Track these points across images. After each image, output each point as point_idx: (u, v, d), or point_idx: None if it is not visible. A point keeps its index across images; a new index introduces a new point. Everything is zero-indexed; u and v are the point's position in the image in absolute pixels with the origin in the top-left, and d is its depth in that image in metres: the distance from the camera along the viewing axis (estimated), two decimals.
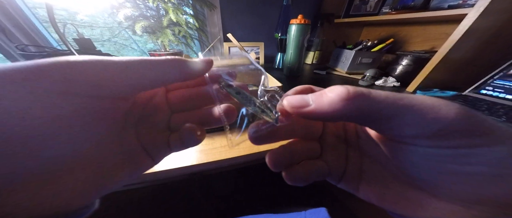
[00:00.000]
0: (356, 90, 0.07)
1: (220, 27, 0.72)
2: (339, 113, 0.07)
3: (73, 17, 0.66)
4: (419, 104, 0.06)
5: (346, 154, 0.12)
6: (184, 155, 0.25)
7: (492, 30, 0.38)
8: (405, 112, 0.06)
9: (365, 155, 0.11)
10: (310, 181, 0.11)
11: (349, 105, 0.07)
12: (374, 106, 0.07)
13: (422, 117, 0.06)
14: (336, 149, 0.12)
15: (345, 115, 0.07)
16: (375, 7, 0.68)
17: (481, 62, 0.46)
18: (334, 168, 0.11)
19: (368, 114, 0.07)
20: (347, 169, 0.11)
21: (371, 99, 0.07)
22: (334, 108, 0.07)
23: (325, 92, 0.08)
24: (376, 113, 0.07)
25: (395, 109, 0.07)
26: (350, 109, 0.07)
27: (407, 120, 0.07)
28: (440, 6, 0.47)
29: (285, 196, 0.36)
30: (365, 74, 0.56)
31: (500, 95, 0.38)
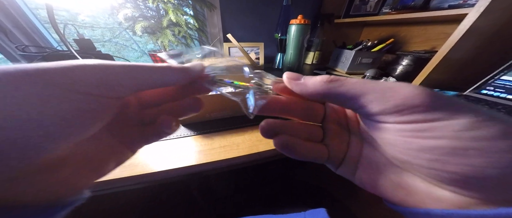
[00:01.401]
0: (333, 77, 0.09)
1: (220, 27, 0.72)
2: (319, 91, 0.09)
3: (74, 18, 0.66)
4: (381, 86, 0.08)
5: (348, 141, 0.12)
6: (182, 156, 0.25)
7: (492, 30, 0.38)
8: (368, 92, 0.08)
9: (364, 142, 0.12)
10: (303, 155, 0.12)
11: (326, 86, 0.09)
12: (343, 87, 0.09)
13: (381, 95, 0.08)
14: (338, 136, 0.13)
15: (323, 93, 0.09)
16: (375, 7, 0.68)
17: (481, 62, 0.46)
18: (334, 153, 0.12)
19: (339, 93, 0.09)
20: (347, 156, 0.12)
21: (342, 82, 0.09)
22: (315, 87, 0.10)
23: (313, 77, 0.10)
24: (345, 93, 0.09)
25: (360, 89, 0.08)
26: (326, 88, 0.09)
27: (370, 98, 0.08)
28: (441, 6, 0.46)
29: (284, 197, 0.36)
30: (365, 75, 0.56)
31: (501, 95, 0.37)
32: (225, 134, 0.30)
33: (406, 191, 0.09)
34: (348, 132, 0.13)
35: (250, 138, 0.29)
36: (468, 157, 0.06)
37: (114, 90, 0.09)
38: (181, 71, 0.11)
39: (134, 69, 0.09)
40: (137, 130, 0.12)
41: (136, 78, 0.09)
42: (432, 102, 0.07)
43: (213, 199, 0.38)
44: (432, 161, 0.07)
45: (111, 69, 0.08)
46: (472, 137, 0.06)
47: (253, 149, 0.27)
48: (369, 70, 0.56)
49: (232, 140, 0.29)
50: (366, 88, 0.08)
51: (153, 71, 0.10)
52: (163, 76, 0.10)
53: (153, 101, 0.13)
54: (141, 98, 0.13)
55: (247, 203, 0.35)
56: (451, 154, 0.07)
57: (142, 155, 0.24)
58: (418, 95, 0.07)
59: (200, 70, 0.12)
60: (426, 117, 0.07)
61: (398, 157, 0.09)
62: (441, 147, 0.07)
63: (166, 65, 0.10)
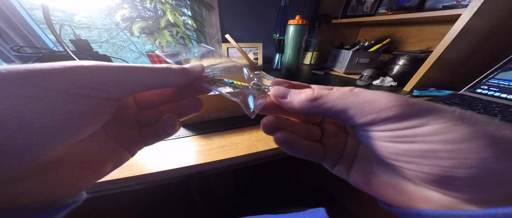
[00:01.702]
0: (315, 94, 0.10)
1: (218, 28, 0.72)
2: (304, 110, 0.10)
3: (71, 18, 0.66)
4: (359, 100, 0.09)
5: (345, 141, 0.13)
6: (181, 156, 0.25)
7: (485, 30, 0.39)
8: (349, 107, 0.09)
9: (359, 145, 0.12)
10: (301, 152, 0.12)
11: (311, 104, 0.10)
12: (326, 105, 0.09)
13: (360, 109, 0.09)
14: (335, 136, 0.13)
15: (309, 112, 0.10)
16: (371, 8, 0.69)
17: (476, 62, 0.47)
18: (331, 152, 0.12)
19: (323, 110, 0.09)
20: (343, 156, 0.12)
21: (324, 100, 0.09)
22: (301, 106, 0.10)
23: (299, 92, 0.10)
24: (329, 109, 0.09)
25: (341, 105, 0.09)
26: (311, 107, 0.10)
27: (352, 112, 0.09)
28: (435, 6, 0.47)
29: (283, 197, 0.36)
30: (363, 74, 0.57)
31: (495, 94, 0.38)
32: (224, 134, 0.30)
33: (397, 191, 0.09)
34: (345, 132, 0.13)
35: (249, 138, 0.29)
36: (438, 159, 0.07)
37: (109, 92, 0.08)
38: (180, 72, 0.11)
39: (131, 70, 0.09)
40: (135, 131, 0.12)
41: (133, 80, 0.09)
42: (403, 112, 0.08)
43: (212, 199, 0.38)
44: (408, 163, 0.08)
45: (107, 70, 0.08)
46: (439, 141, 0.07)
47: (252, 149, 0.27)
48: (367, 70, 0.57)
49: (231, 140, 0.28)
50: (347, 104, 0.09)
51: (150, 72, 0.10)
52: (161, 78, 0.10)
53: (151, 103, 0.13)
54: (138, 100, 0.13)
55: (246, 203, 0.35)
56: (422, 156, 0.07)
57: (140, 156, 0.24)
58: (391, 107, 0.08)
59: (199, 71, 0.12)
60: (399, 125, 0.08)
61: (384, 159, 0.09)
62: (414, 150, 0.08)
63: (164, 66, 0.10)
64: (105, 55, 0.46)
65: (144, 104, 0.13)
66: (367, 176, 0.11)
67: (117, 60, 0.66)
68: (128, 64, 0.09)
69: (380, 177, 0.10)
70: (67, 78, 0.07)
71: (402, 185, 0.09)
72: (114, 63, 0.09)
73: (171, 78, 0.10)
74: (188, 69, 0.11)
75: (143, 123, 0.13)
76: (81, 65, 0.08)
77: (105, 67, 0.08)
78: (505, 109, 0.33)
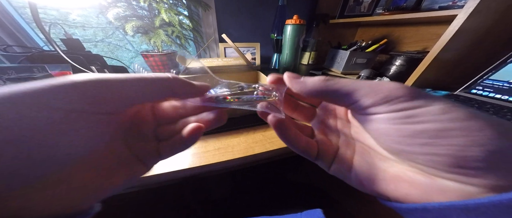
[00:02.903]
0: (326, 78, 0.10)
1: (215, 27, 0.72)
2: (317, 88, 0.11)
3: (65, 17, 0.64)
4: (369, 83, 0.10)
5: (338, 142, 0.13)
6: (176, 159, 0.24)
7: (481, 31, 0.39)
8: (360, 88, 0.09)
9: (357, 142, 0.12)
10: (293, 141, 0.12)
11: (324, 83, 0.10)
12: (338, 85, 0.10)
13: (371, 89, 0.09)
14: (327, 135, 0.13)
15: (321, 90, 0.11)
16: (369, 8, 0.69)
17: (471, 62, 0.47)
18: (324, 151, 0.13)
19: (335, 90, 0.10)
20: (338, 156, 0.12)
21: (337, 81, 0.10)
22: (314, 85, 0.11)
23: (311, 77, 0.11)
24: (340, 89, 0.10)
25: (352, 86, 0.10)
26: (324, 86, 0.10)
27: (362, 93, 0.09)
28: (431, 7, 0.47)
29: (280, 198, 0.36)
30: (360, 75, 0.57)
31: (490, 94, 0.39)
32: (219, 136, 0.29)
33: (409, 184, 0.09)
34: (337, 133, 0.13)
35: (245, 140, 0.29)
36: (452, 138, 0.07)
37: (110, 106, 0.09)
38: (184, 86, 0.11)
39: (131, 82, 0.09)
40: (153, 145, 0.12)
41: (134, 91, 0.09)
42: (411, 93, 0.08)
43: (208, 202, 0.38)
44: (423, 145, 0.08)
45: (105, 83, 0.08)
46: (448, 119, 0.07)
47: (249, 151, 0.26)
48: (364, 71, 0.57)
49: (227, 142, 0.28)
50: (357, 85, 0.09)
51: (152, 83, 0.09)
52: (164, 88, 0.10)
53: (169, 118, 0.13)
54: (157, 115, 0.13)
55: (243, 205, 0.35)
56: (437, 136, 0.08)
57: None
58: (400, 88, 0.09)
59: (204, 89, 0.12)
60: (410, 104, 0.08)
61: (394, 147, 0.09)
62: (428, 130, 0.08)
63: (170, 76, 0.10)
64: (98, 55, 0.44)
65: (163, 119, 0.13)
66: (372, 173, 0.11)
67: (112, 61, 0.65)
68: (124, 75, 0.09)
69: (387, 171, 0.10)
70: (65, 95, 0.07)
71: (413, 177, 0.09)
72: (116, 75, 0.09)
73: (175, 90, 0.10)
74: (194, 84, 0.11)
75: (161, 137, 0.13)
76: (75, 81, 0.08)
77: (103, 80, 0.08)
78: (500, 110, 0.33)
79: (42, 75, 0.31)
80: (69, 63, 0.36)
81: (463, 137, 0.07)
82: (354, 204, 0.38)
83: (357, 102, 0.09)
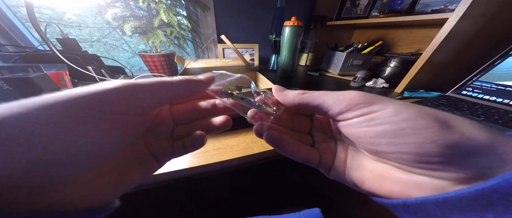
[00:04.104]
0: (301, 91, 0.12)
1: (214, 28, 0.72)
2: (295, 101, 0.12)
3: (60, 16, 0.63)
4: (335, 94, 0.11)
5: (335, 147, 0.14)
6: (176, 159, 0.24)
7: (471, 34, 0.41)
8: (327, 99, 0.11)
9: (349, 146, 0.13)
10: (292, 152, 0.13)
11: (299, 97, 0.12)
12: (309, 98, 0.12)
13: (336, 100, 0.11)
14: (325, 142, 0.14)
15: (298, 103, 0.12)
16: (365, 10, 0.71)
17: (462, 64, 0.49)
18: (324, 158, 0.13)
19: (308, 102, 0.12)
20: (335, 161, 0.13)
21: (309, 94, 0.12)
22: (293, 98, 0.12)
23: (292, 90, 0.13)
24: (312, 102, 0.12)
25: (321, 98, 0.11)
26: (299, 99, 0.12)
27: (330, 103, 0.11)
28: (424, 10, 0.49)
29: (279, 198, 0.36)
30: (356, 76, 0.58)
31: (479, 95, 0.40)
32: (219, 137, 0.30)
33: (392, 181, 0.10)
34: (334, 139, 0.14)
35: (244, 140, 0.29)
36: (408, 136, 0.08)
37: (142, 107, 0.10)
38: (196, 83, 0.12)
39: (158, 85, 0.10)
40: (168, 144, 0.14)
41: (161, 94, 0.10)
42: (368, 99, 0.10)
43: (207, 202, 0.38)
44: (389, 144, 0.09)
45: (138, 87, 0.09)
46: (401, 119, 0.08)
47: (248, 151, 0.26)
48: (360, 72, 0.58)
49: (226, 142, 0.28)
50: (325, 97, 0.11)
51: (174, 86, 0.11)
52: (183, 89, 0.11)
53: (186, 119, 0.15)
54: (175, 115, 0.14)
55: (241, 205, 0.35)
56: (395, 135, 0.09)
57: None
58: (358, 96, 0.10)
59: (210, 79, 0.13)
60: (368, 109, 0.10)
61: (368, 148, 0.10)
62: (387, 131, 0.09)
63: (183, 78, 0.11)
64: (95, 55, 0.44)
65: (181, 119, 0.14)
66: (361, 173, 0.11)
67: (109, 61, 0.64)
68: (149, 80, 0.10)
69: (373, 171, 0.11)
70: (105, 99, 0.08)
71: (394, 174, 0.10)
72: (144, 81, 0.10)
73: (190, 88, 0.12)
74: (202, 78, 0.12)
75: (176, 136, 0.14)
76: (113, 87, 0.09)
77: (136, 85, 0.09)
78: (488, 110, 0.35)
79: (38, 75, 0.31)
80: (65, 63, 0.35)
81: (416, 134, 0.08)
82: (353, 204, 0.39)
83: (328, 112, 0.11)
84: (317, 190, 0.37)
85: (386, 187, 0.10)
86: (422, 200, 0.08)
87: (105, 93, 0.08)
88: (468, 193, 0.07)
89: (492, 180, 0.06)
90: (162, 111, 0.14)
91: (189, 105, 0.14)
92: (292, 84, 0.53)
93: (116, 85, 0.09)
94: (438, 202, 0.07)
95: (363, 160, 0.12)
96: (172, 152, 0.14)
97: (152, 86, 0.10)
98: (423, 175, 0.08)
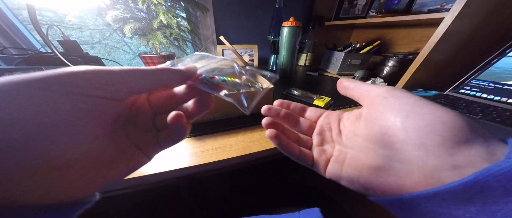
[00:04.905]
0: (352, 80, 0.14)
1: (213, 29, 0.72)
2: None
3: (61, 19, 0.64)
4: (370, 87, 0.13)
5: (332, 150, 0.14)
6: (174, 158, 0.25)
7: (467, 33, 0.41)
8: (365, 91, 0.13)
9: (347, 147, 0.14)
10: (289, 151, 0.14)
11: None
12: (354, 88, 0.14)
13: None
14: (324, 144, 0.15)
15: None
16: (362, 10, 0.71)
17: (459, 63, 0.49)
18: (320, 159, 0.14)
19: None
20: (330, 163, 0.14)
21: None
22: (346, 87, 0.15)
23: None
24: None
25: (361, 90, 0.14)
26: None
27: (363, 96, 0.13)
28: (421, 10, 0.50)
29: (278, 197, 0.36)
30: (355, 76, 0.58)
31: (477, 94, 0.40)
32: (217, 136, 0.30)
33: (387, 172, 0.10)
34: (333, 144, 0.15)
35: (243, 139, 0.29)
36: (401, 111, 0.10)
37: (111, 92, 0.09)
38: (174, 72, 0.12)
39: (130, 72, 0.10)
40: (152, 135, 0.13)
41: (132, 80, 0.10)
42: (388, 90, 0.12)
43: (205, 201, 0.38)
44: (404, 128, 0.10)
45: (106, 72, 0.09)
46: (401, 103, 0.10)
47: (246, 150, 0.27)
48: (358, 71, 0.58)
49: (224, 142, 0.29)
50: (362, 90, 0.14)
51: (147, 73, 0.10)
52: (158, 78, 0.11)
53: (165, 107, 0.14)
54: (153, 104, 0.14)
55: (241, 204, 0.35)
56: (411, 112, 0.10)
57: None
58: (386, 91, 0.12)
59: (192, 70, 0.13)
60: None
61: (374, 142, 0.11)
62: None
63: (159, 67, 0.11)
64: (96, 56, 0.45)
65: (159, 109, 0.14)
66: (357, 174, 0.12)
67: (109, 62, 0.64)
68: (125, 67, 0.10)
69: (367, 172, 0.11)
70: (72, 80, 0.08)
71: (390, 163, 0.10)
72: (114, 67, 0.10)
73: (166, 78, 0.11)
74: (182, 69, 0.12)
75: (160, 127, 0.14)
76: (84, 70, 0.08)
77: (104, 70, 0.09)
78: (485, 109, 0.35)
79: None
80: (66, 65, 0.36)
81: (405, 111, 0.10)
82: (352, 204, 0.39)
83: None
84: (317, 189, 0.37)
85: (382, 180, 0.10)
86: (415, 195, 0.08)
87: (70, 74, 0.08)
88: (453, 187, 0.07)
89: (471, 175, 0.07)
90: (138, 100, 0.13)
91: (165, 93, 0.14)
92: (291, 84, 0.53)
93: (84, 68, 0.09)
94: (428, 197, 0.08)
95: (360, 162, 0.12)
96: (158, 143, 0.13)
97: (123, 72, 0.10)
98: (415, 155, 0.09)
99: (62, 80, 0.08)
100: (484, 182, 0.06)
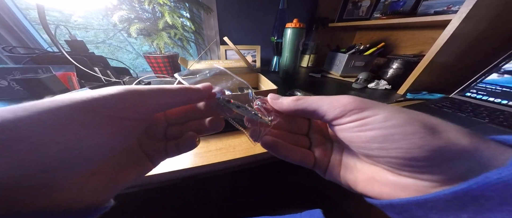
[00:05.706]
0: (299, 96, 0.12)
1: (216, 30, 0.73)
2: (290, 108, 0.13)
3: (67, 19, 0.65)
4: (330, 99, 0.11)
5: (331, 148, 0.14)
6: (178, 159, 0.25)
7: (474, 35, 0.40)
8: (322, 105, 0.11)
9: (344, 149, 0.14)
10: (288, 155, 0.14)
11: (294, 103, 0.12)
12: (305, 104, 0.12)
13: (330, 105, 0.11)
14: (322, 144, 0.15)
15: (294, 110, 0.13)
16: (367, 12, 0.71)
17: (465, 66, 0.48)
18: (320, 159, 0.14)
19: (303, 108, 0.12)
20: (330, 162, 0.14)
21: (305, 100, 0.12)
22: (288, 105, 0.13)
23: (287, 97, 0.13)
24: (307, 107, 0.12)
25: (316, 104, 0.11)
26: (294, 105, 0.12)
27: (324, 109, 0.11)
28: (427, 12, 0.49)
29: (281, 198, 0.36)
30: (358, 77, 0.58)
31: (483, 97, 0.40)
32: (221, 137, 0.30)
33: (382, 184, 0.10)
34: (331, 141, 0.15)
35: (246, 141, 0.29)
36: (397, 141, 0.09)
37: (145, 113, 0.10)
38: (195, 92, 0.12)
39: (159, 92, 0.10)
40: (161, 144, 0.14)
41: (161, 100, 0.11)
42: (360, 105, 0.10)
43: (209, 202, 0.38)
44: (380, 149, 0.09)
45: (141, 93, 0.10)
46: (390, 126, 0.09)
47: (250, 152, 0.27)
48: (362, 73, 0.58)
49: (228, 143, 0.29)
50: (320, 103, 0.11)
51: (174, 93, 0.11)
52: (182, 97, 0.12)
53: (179, 120, 0.15)
54: (169, 117, 0.14)
55: (243, 205, 0.35)
56: (386, 140, 0.09)
57: None
58: (352, 102, 0.10)
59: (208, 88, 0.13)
60: (361, 115, 0.10)
61: (361, 152, 0.11)
62: (378, 136, 0.09)
63: (183, 87, 0.12)
64: (101, 56, 0.45)
65: (173, 121, 0.14)
66: (355, 175, 0.12)
67: (113, 62, 0.65)
68: (154, 86, 0.11)
69: (365, 173, 0.11)
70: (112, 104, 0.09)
71: (384, 177, 0.10)
72: (146, 87, 0.10)
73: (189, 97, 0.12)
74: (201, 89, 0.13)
75: (169, 137, 0.14)
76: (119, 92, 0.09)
77: (140, 91, 0.10)
78: (492, 112, 0.34)
79: (47, 76, 0.32)
80: (73, 65, 0.36)
81: (404, 140, 0.08)
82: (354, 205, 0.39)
83: (323, 117, 0.11)
84: (318, 190, 0.37)
85: (377, 189, 0.10)
86: (405, 201, 0.08)
87: (107, 98, 0.09)
88: (443, 195, 0.07)
89: (465, 183, 0.07)
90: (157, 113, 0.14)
91: (181, 107, 0.14)
92: (294, 85, 0.53)
93: (118, 91, 0.09)
94: (419, 203, 0.08)
95: (356, 162, 0.12)
96: (165, 152, 0.14)
97: (153, 92, 0.10)
98: (409, 178, 0.09)
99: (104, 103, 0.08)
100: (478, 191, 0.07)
